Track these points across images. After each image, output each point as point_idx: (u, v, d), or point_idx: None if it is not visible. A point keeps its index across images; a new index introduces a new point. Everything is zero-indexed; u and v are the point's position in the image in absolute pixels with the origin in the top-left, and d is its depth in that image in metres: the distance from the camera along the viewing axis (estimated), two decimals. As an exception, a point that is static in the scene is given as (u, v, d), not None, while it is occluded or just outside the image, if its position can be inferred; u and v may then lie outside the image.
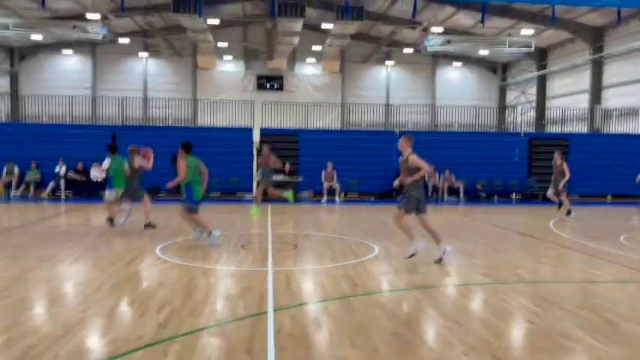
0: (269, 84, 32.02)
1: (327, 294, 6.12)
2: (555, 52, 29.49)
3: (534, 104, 30.70)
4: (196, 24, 24.22)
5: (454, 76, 34.01)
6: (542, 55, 30.09)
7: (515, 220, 14.36)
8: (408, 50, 30.65)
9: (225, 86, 31.52)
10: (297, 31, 24.67)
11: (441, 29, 26.86)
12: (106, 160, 10.67)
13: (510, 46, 26.84)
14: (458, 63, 33.44)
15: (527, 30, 26.12)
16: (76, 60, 31.30)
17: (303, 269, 7.47)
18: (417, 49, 28.99)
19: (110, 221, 10.70)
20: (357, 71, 33.07)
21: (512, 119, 32.27)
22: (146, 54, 31.58)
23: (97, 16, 24.27)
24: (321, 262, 7.97)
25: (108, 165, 10.64)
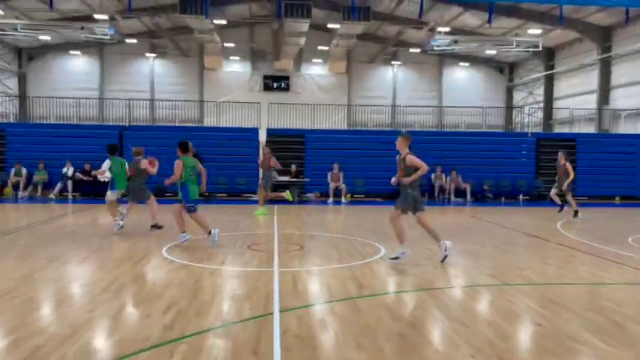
0: (275, 84, 32.06)
1: (333, 295, 6.12)
2: (563, 52, 29.33)
3: (542, 104, 30.54)
4: (203, 25, 24.29)
5: (461, 77, 33.90)
6: (550, 55, 29.93)
7: (523, 221, 14.29)
8: (414, 50, 30.58)
9: (232, 87, 31.59)
10: (304, 32, 24.69)
11: (448, 29, 26.78)
12: (106, 162, 10.67)
13: (517, 46, 26.70)
14: (465, 63, 33.33)
15: (534, 30, 26.00)
16: (84, 61, 31.47)
17: (309, 270, 7.46)
18: (424, 49, 28.90)
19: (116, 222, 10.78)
20: (364, 71, 33.03)
21: (519, 120, 32.13)
22: (153, 55, 31.70)
23: (105, 17, 24.38)
24: (328, 262, 7.97)
25: (108, 166, 10.65)
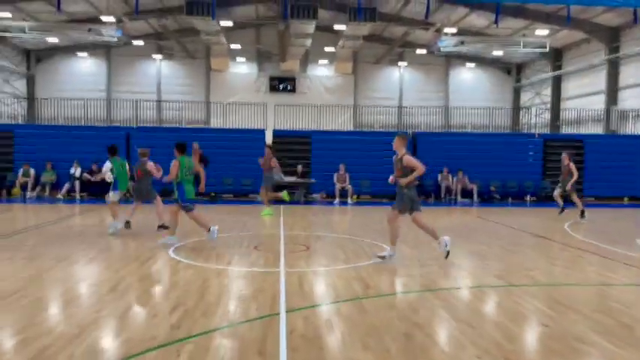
0: (281, 85, 32.10)
1: (340, 295, 6.12)
2: (570, 53, 29.19)
3: (549, 105, 30.40)
4: (209, 26, 24.37)
5: (468, 77, 33.81)
6: (557, 56, 29.80)
7: (530, 222, 14.22)
8: (421, 51, 30.53)
9: (238, 88, 31.67)
10: (310, 33, 24.71)
11: (455, 30, 26.75)
12: (107, 163, 10.70)
13: (525, 47, 26.61)
14: (471, 64, 33.24)
15: (541, 30, 25.89)
16: (91, 62, 31.66)
17: (315, 270, 7.46)
18: (430, 50, 28.87)
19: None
20: (370, 72, 33.01)
21: (526, 120, 32.00)
22: (160, 56, 31.84)
23: (112, 19, 24.54)
24: (334, 263, 7.97)
25: (109, 168, 10.68)
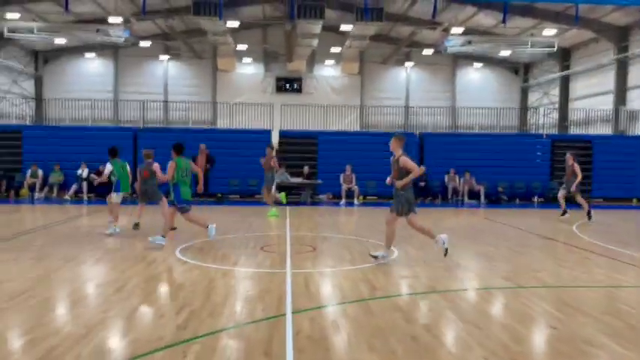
0: (288, 86, 32.11)
1: (346, 296, 6.11)
2: (579, 52, 29.01)
3: (557, 105, 30.23)
4: (216, 27, 24.42)
5: (475, 77, 33.68)
6: (566, 56, 29.63)
7: (537, 223, 14.15)
8: (427, 51, 30.46)
9: (245, 88, 31.72)
10: (317, 33, 24.71)
11: (462, 30, 26.63)
12: (107, 165, 10.73)
13: (532, 47, 26.46)
14: (479, 64, 33.11)
15: (549, 30, 25.74)
16: (99, 63, 31.81)
17: (321, 271, 7.46)
18: (437, 49, 28.77)
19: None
20: (377, 72, 32.96)
21: (534, 121, 31.84)
22: (167, 57, 31.94)
23: (119, 20, 24.64)
24: (340, 264, 7.96)
25: (109, 170, 10.71)
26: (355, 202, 18.61)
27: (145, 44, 29.89)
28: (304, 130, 22.78)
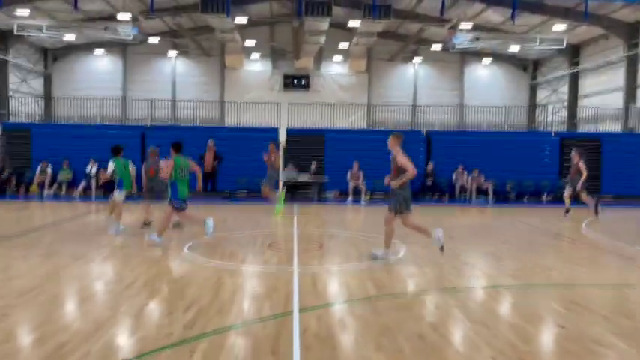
0: (295, 83, 32.11)
1: (353, 294, 6.11)
2: (588, 49, 28.77)
3: (566, 103, 30.01)
4: (224, 24, 24.44)
5: (483, 74, 33.50)
6: (575, 52, 29.38)
7: (546, 222, 14.05)
8: (436, 48, 30.31)
9: (252, 85, 31.75)
10: (324, 30, 24.66)
11: (470, 26, 26.48)
12: (110, 164, 10.76)
13: (541, 43, 26.25)
14: (487, 61, 32.93)
15: (558, 26, 25.54)
16: (107, 61, 31.94)
17: (328, 269, 7.47)
18: (445, 46, 28.65)
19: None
20: (384, 70, 32.86)
21: (542, 118, 31.62)
22: (175, 54, 32.02)
23: (128, 17, 24.73)
24: (347, 262, 7.96)
25: (112, 168, 10.73)
26: (362, 199, 18.58)
27: (154, 42, 30.00)
28: (311, 128, 22.76)
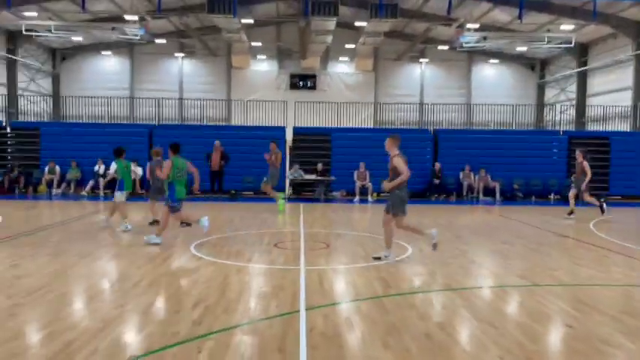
0: (302, 83, 32.13)
1: (360, 293, 6.10)
2: (596, 48, 28.60)
3: (574, 102, 29.85)
4: (231, 24, 24.49)
5: (490, 74, 33.38)
6: (583, 51, 29.22)
7: (553, 221, 13.96)
8: (442, 47, 30.23)
9: (259, 85, 31.81)
10: (331, 30, 24.66)
11: (477, 25, 26.38)
12: (112, 165, 10.82)
13: (549, 42, 26.13)
14: (494, 60, 32.81)
15: (566, 25, 25.40)
16: (115, 61, 32.12)
17: (335, 268, 7.46)
18: (453, 46, 28.56)
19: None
20: (391, 69, 32.82)
21: (550, 117, 31.46)
22: (182, 54, 32.14)
23: (135, 18, 24.84)
24: (354, 261, 7.95)
25: (114, 169, 10.79)
26: (369, 199, 18.56)
27: (161, 42, 30.11)
28: (318, 127, 22.76)
